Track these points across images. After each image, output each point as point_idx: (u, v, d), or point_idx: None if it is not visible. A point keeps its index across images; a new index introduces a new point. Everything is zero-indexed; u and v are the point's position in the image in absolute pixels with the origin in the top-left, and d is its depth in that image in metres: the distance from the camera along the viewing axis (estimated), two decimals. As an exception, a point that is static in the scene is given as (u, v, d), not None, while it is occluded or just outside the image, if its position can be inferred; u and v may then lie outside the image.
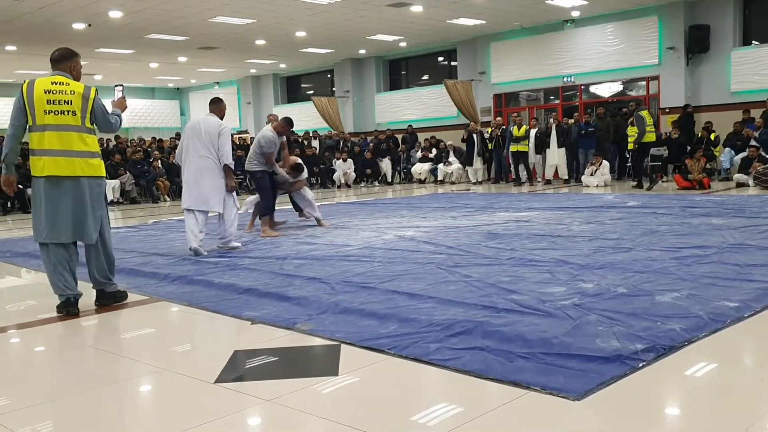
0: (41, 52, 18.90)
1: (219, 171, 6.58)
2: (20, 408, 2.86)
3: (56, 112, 4.40)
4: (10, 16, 14.37)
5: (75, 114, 4.45)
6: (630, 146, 14.12)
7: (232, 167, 6.73)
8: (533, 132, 15.97)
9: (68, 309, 4.51)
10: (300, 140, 20.01)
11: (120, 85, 5.14)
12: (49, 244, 4.50)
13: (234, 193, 6.79)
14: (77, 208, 4.48)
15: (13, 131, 4.45)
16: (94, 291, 4.76)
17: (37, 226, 4.51)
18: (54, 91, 4.42)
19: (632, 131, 14.33)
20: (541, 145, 15.90)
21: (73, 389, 3.15)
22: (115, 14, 14.61)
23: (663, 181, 14.72)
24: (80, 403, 2.95)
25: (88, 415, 2.83)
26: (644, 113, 13.91)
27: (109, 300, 4.74)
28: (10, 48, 18.01)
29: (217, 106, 6.81)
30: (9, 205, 14.59)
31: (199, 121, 6.73)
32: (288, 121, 8.16)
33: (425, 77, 22.54)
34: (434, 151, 18.84)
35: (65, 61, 4.62)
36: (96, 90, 4.61)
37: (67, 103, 4.44)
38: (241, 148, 17.53)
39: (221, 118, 6.74)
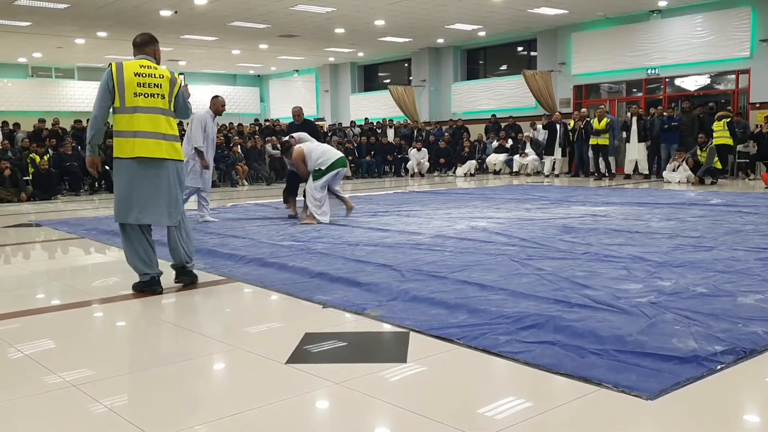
0: (130, 38, 19.57)
1: None
2: (102, 378, 2.99)
3: (146, 95, 4.49)
4: (102, 3, 14.94)
5: (164, 97, 4.56)
6: (715, 141, 13.63)
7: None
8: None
9: (153, 288, 4.62)
10: (374, 128, 20.10)
11: (182, 74, 5.28)
12: (134, 226, 4.56)
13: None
14: (169, 190, 4.56)
15: (99, 112, 4.49)
16: (173, 270, 4.82)
17: (121, 208, 4.52)
18: (143, 74, 4.52)
19: (718, 126, 13.80)
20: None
21: (150, 363, 3.28)
22: (200, 1, 14.99)
23: (750, 179, 14.12)
24: (157, 377, 3.06)
25: (163, 388, 2.94)
26: (715, 125, 13.51)
27: (188, 277, 4.79)
28: (101, 34, 18.74)
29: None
30: (96, 184, 15.25)
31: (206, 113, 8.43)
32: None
33: (503, 67, 22.26)
34: (510, 141, 18.59)
35: (150, 46, 4.74)
36: (180, 75, 4.74)
37: (157, 87, 4.54)
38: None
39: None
